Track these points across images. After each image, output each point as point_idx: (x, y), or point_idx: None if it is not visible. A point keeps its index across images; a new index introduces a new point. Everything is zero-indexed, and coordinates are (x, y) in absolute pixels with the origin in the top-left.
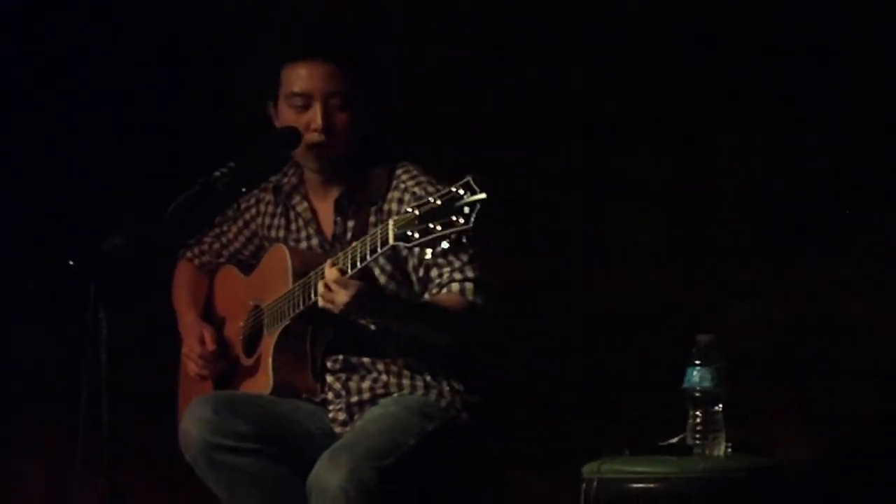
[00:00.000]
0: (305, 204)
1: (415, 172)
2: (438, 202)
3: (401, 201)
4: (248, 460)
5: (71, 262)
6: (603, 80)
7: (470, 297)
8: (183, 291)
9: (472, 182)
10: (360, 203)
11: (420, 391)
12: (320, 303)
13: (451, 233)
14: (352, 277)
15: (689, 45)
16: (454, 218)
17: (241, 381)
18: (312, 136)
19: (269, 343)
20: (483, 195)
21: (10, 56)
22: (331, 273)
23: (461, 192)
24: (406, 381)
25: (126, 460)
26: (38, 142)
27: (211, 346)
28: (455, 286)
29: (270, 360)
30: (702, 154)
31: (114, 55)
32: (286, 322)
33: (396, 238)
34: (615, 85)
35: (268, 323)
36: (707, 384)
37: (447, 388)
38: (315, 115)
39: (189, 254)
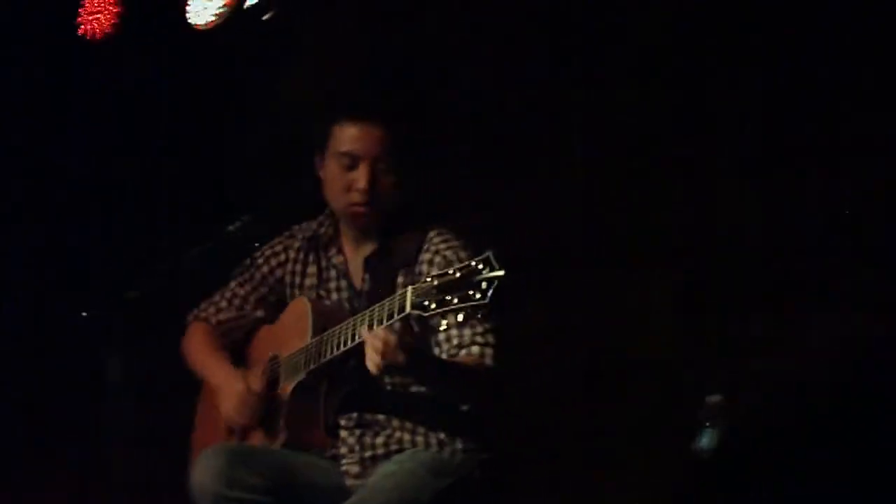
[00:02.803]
0: (341, 257)
1: (447, 236)
2: (457, 275)
3: (430, 263)
4: None
5: (84, 313)
6: (608, 131)
7: (488, 361)
8: (204, 350)
9: (491, 258)
10: (390, 263)
11: (434, 448)
12: (371, 361)
13: (467, 307)
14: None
15: (696, 99)
16: (471, 292)
17: (256, 431)
18: (353, 197)
19: (283, 395)
20: (501, 272)
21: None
22: (375, 342)
23: (480, 266)
24: (420, 438)
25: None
26: (56, 192)
27: (257, 386)
28: (475, 349)
29: (284, 412)
30: (708, 208)
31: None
32: (301, 376)
33: (413, 306)
34: (621, 138)
35: (284, 375)
36: (716, 446)
37: (460, 446)
38: (360, 177)
39: (202, 314)
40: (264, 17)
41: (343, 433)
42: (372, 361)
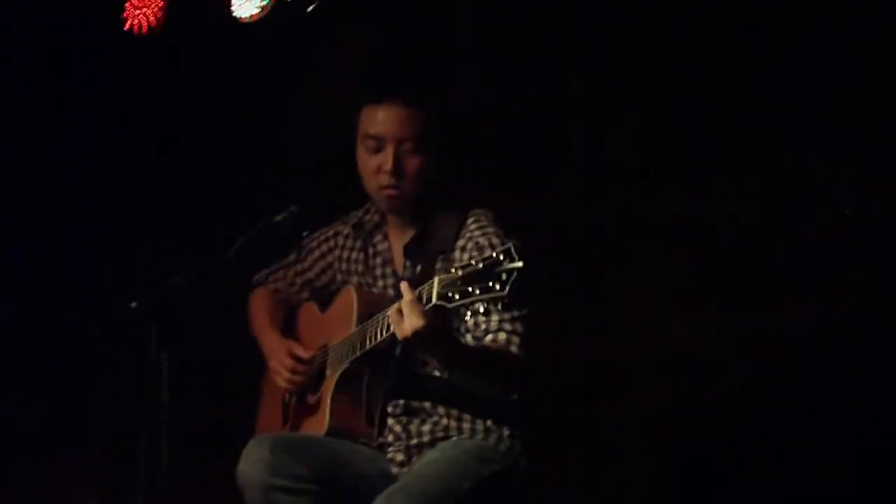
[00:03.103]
0: (386, 244)
1: (484, 222)
2: (480, 266)
3: (464, 249)
4: (303, 501)
5: (133, 304)
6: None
7: (514, 349)
8: (262, 315)
9: (512, 249)
10: (429, 249)
11: (480, 435)
12: (391, 323)
13: (487, 297)
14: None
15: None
16: (492, 283)
17: (304, 419)
18: (382, 179)
19: (328, 385)
20: (520, 263)
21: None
22: (407, 294)
23: (501, 257)
24: (466, 425)
25: (185, 499)
26: (100, 183)
27: (306, 354)
28: (502, 336)
29: (328, 402)
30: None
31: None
32: (345, 365)
33: (439, 297)
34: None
35: (330, 364)
36: None
37: (507, 433)
38: (387, 159)
39: (266, 279)
40: (308, 9)
41: (390, 421)
42: (399, 327)
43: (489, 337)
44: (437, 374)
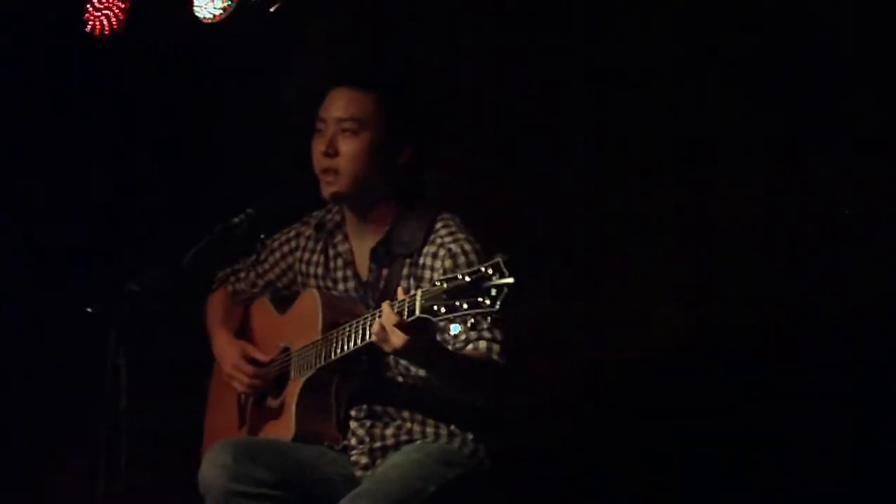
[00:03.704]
0: (347, 245)
1: (453, 228)
2: (467, 279)
3: (435, 256)
4: None
5: (89, 309)
6: (611, 126)
7: (495, 356)
8: (217, 314)
9: (501, 264)
10: (396, 253)
11: (444, 439)
12: (374, 340)
13: (476, 313)
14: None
15: (694, 90)
16: (480, 299)
17: (265, 422)
18: (318, 162)
19: (293, 390)
20: (511, 280)
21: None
22: (390, 316)
23: (490, 272)
24: (430, 429)
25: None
26: (60, 184)
27: (263, 358)
28: (483, 344)
29: (294, 407)
30: (712, 201)
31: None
32: (312, 371)
33: (423, 310)
34: (623, 132)
35: (294, 369)
36: None
37: (471, 437)
38: (324, 139)
39: (226, 278)
40: (271, 9)
41: (353, 424)
42: (385, 343)
43: (470, 346)
44: (401, 379)
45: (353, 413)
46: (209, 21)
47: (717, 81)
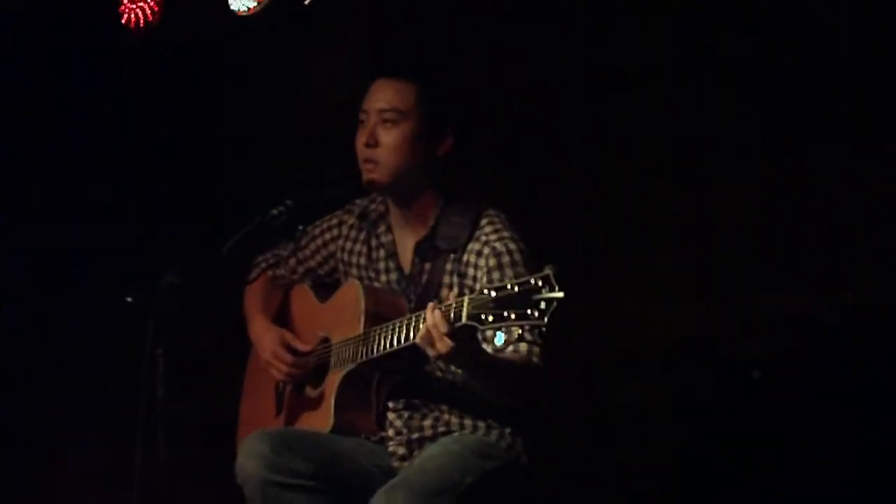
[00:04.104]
0: (390, 236)
1: (498, 225)
2: (516, 289)
3: (479, 254)
4: (303, 497)
5: (129, 299)
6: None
7: (535, 359)
8: (255, 299)
9: (551, 277)
10: (440, 248)
11: (481, 431)
12: (418, 342)
13: (525, 324)
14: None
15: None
16: (529, 311)
17: (303, 412)
18: (361, 153)
19: (333, 382)
20: (561, 294)
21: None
22: (432, 317)
23: (539, 283)
24: (468, 421)
25: (182, 494)
26: (101, 180)
27: (302, 347)
28: (523, 346)
29: (333, 399)
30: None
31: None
32: (353, 365)
33: (469, 317)
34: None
35: (335, 361)
36: None
37: (508, 430)
38: (366, 130)
39: (265, 264)
40: (305, 2)
41: (391, 416)
42: (430, 348)
43: (510, 348)
44: (440, 373)
45: (391, 405)
46: (244, 14)
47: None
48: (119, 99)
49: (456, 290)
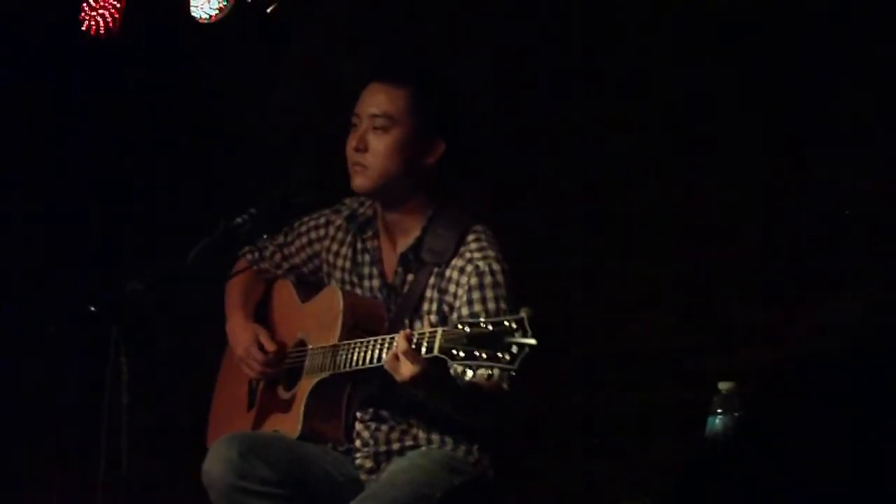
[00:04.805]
0: (376, 242)
1: (484, 243)
2: (490, 328)
3: (462, 271)
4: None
5: (92, 307)
6: (606, 122)
7: (505, 385)
8: (236, 292)
9: (525, 322)
10: (425, 261)
11: (449, 446)
12: (386, 366)
13: (494, 366)
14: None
15: (694, 90)
16: (500, 354)
17: (273, 412)
18: (351, 156)
19: (305, 388)
20: (533, 341)
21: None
22: (403, 344)
23: (514, 326)
24: (435, 436)
25: (144, 500)
26: (81, 174)
27: (270, 348)
28: (496, 372)
29: (303, 406)
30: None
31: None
32: (325, 375)
33: (441, 350)
34: (621, 125)
35: (308, 367)
36: (729, 432)
37: (476, 445)
38: (356, 134)
39: (250, 256)
40: (268, 10)
41: (358, 426)
42: (396, 372)
43: (481, 371)
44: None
45: (358, 415)
46: (205, 21)
47: (717, 81)
48: (99, 95)
49: (436, 304)
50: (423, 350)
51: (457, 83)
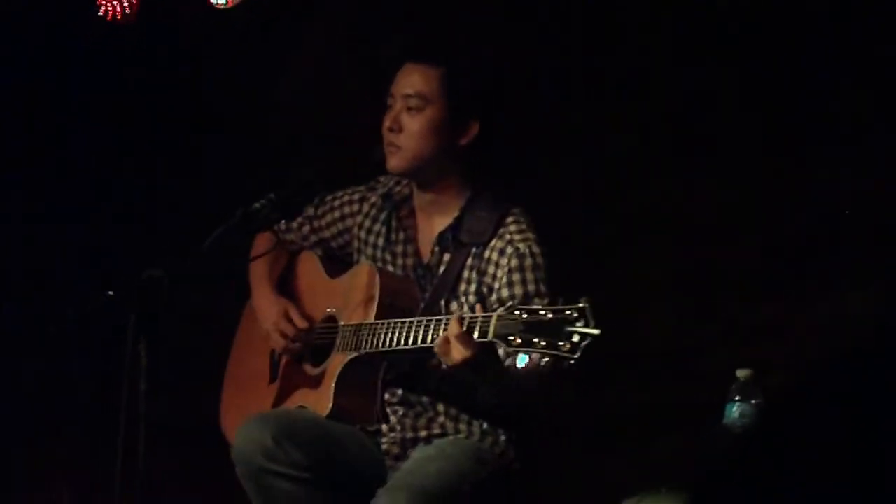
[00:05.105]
0: (412, 221)
1: (523, 226)
2: (549, 316)
3: (502, 252)
4: (297, 488)
5: (111, 293)
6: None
7: (556, 374)
8: (261, 263)
9: (587, 311)
10: (462, 241)
11: (476, 437)
12: (436, 349)
13: (553, 355)
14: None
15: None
16: (561, 342)
17: (300, 388)
18: (385, 135)
19: (336, 365)
20: (597, 331)
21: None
22: (455, 328)
23: (575, 315)
24: (463, 426)
25: (162, 489)
26: (81, 173)
27: (302, 324)
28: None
29: (334, 384)
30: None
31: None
32: (359, 353)
33: (496, 336)
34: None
35: (340, 344)
36: (747, 420)
37: (502, 437)
38: (391, 114)
39: (275, 226)
40: None
41: (386, 409)
42: (447, 357)
43: (534, 356)
44: (440, 375)
45: (386, 396)
46: (222, 7)
47: (717, 81)
48: (99, 94)
49: (474, 286)
50: (476, 334)
51: (496, 63)
